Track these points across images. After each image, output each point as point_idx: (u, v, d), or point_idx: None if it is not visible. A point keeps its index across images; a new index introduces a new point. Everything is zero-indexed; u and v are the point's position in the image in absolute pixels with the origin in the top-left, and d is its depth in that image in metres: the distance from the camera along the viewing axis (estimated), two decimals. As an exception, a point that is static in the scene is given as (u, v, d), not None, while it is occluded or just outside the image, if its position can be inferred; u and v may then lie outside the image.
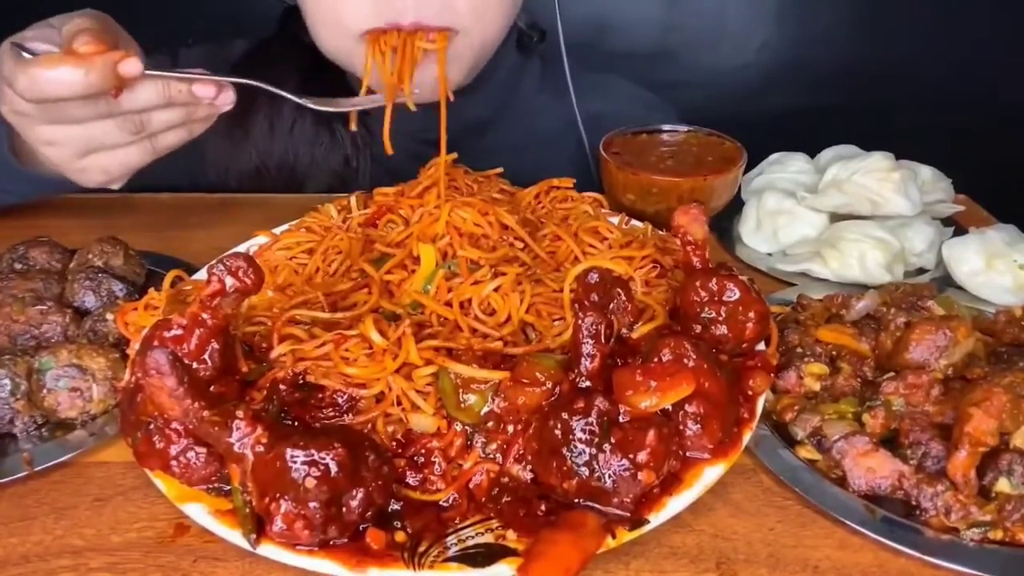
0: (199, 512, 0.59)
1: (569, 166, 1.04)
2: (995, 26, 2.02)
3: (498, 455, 0.62)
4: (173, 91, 0.75)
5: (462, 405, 0.63)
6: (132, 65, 0.71)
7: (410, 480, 0.61)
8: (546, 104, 1.22)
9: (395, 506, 0.60)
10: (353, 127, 0.92)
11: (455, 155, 0.94)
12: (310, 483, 0.53)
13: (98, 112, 0.74)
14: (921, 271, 0.98)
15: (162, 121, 0.77)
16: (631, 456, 0.57)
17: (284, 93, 0.84)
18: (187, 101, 0.76)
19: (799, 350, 0.75)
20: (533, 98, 1.23)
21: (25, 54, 0.72)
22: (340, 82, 1.12)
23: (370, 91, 0.92)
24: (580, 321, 0.61)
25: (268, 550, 0.56)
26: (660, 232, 0.90)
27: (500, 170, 0.99)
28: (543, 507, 0.59)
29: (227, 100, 0.78)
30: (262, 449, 0.55)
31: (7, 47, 0.73)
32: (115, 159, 0.79)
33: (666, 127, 1.08)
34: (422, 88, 0.91)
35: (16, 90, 0.71)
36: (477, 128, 1.13)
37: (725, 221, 1.06)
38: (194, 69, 0.78)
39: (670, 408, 0.61)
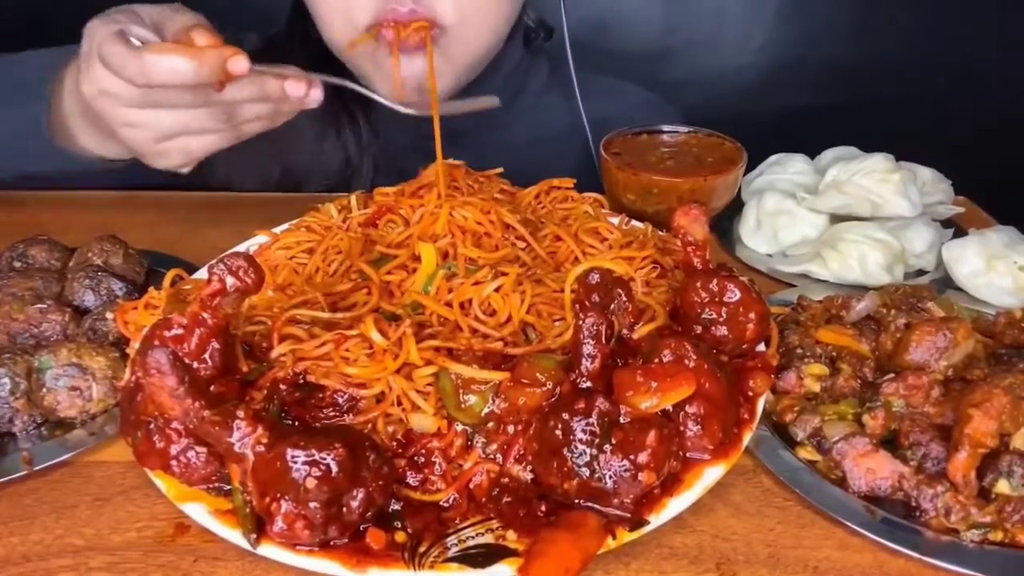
0: (199, 512, 0.59)
1: (575, 166, 1.04)
2: (995, 26, 2.02)
3: (498, 455, 0.62)
4: (268, 87, 0.77)
5: (462, 405, 0.63)
6: (240, 63, 0.73)
7: (410, 480, 0.61)
8: (553, 103, 1.23)
9: (395, 506, 0.60)
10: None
11: (453, 161, 0.94)
12: (310, 483, 0.53)
13: (195, 101, 0.76)
14: (921, 272, 0.98)
15: (252, 113, 0.80)
16: (632, 457, 0.57)
17: (373, 95, 0.87)
18: (279, 97, 0.78)
19: (799, 351, 0.75)
20: (540, 97, 1.24)
21: (134, 40, 0.74)
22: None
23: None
24: (581, 322, 0.61)
25: (268, 550, 0.56)
26: (660, 233, 0.90)
27: (500, 170, 0.99)
28: (543, 507, 0.59)
29: (316, 98, 0.80)
30: (262, 449, 0.55)
31: (111, 31, 0.74)
32: (200, 143, 0.81)
33: (666, 128, 1.08)
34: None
35: (124, 75, 0.72)
36: (486, 122, 1.14)
37: (725, 222, 1.06)
38: (287, 66, 0.79)
39: (670, 409, 0.61)
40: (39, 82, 0.89)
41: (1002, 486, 0.61)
